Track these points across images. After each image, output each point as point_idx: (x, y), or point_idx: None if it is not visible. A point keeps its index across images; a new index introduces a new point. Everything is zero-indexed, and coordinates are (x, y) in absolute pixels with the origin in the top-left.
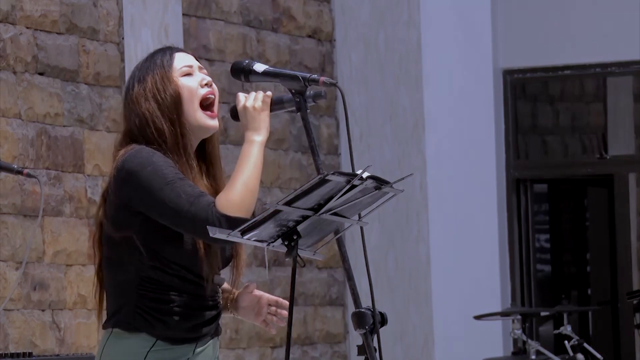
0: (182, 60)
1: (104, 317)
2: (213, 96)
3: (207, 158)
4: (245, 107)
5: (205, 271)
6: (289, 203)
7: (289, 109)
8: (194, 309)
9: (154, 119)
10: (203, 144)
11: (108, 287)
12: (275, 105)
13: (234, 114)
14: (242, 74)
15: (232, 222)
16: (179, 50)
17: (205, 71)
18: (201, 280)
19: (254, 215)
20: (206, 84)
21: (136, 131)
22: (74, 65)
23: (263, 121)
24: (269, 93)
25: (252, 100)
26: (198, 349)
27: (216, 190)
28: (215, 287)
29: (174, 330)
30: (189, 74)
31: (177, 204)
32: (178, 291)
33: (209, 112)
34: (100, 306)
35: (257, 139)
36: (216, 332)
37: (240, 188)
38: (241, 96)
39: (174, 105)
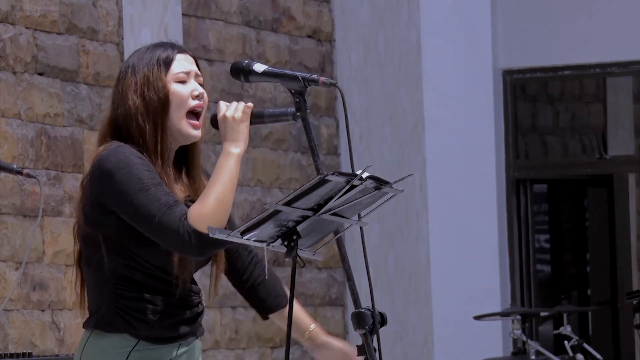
0: (180, 65)
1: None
2: (201, 109)
3: (188, 161)
4: (225, 117)
5: (177, 271)
6: (288, 203)
7: (268, 123)
8: (172, 307)
9: (137, 116)
10: (186, 146)
11: (88, 285)
12: (255, 118)
13: (215, 122)
14: (241, 74)
15: (201, 239)
16: (181, 51)
17: (201, 78)
18: (175, 279)
19: (230, 226)
20: (197, 96)
21: (121, 121)
22: (74, 65)
23: (242, 133)
24: (250, 104)
25: (232, 110)
26: (181, 350)
27: (195, 191)
28: (191, 286)
29: (154, 329)
30: (183, 81)
31: (149, 211)
32: (153, 291)
33: (193, 122)
34: (82, 296)
35: (235, 150)
36: (198, 333)
37: (213, 203)
38: (222, 105)
39: (161, 108)
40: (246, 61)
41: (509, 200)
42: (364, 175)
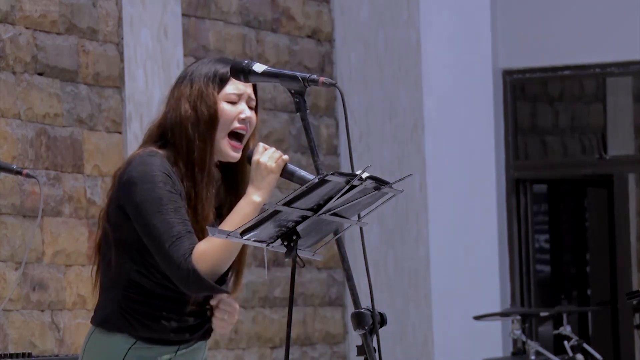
0: (234, 86)
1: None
2: (244, 132)
3: (236, 178)
4: (258, 163)
5: None
6: (288, 203)
7: (295, 183)
8: (178, 314)
9: (187, 126)
10: (235, 164)
11: (101, 278)
12: (285, 173)
13: (249, 160)
14: (241, 74)
15: (199, 280)
16: None
17: (253, 102)
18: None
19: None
20: (243, 119)
21: (169, 126)
22: (74, 65)
23: (269, 183)
24: (285, 157)
25: (267, 157)
26: (181, 351)
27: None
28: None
29: (154, 332)
30: (233, 102)
31: (159, 236)
32: (161, 298)
33: (234, 142)
34: (96, 282)
35: (256, 199)
36: (203, 337)
37: (221, 246)
38: (260, 147)
39: (210, 124)
40: (246, 61)
41: (509, 200)
42: (364, 175)
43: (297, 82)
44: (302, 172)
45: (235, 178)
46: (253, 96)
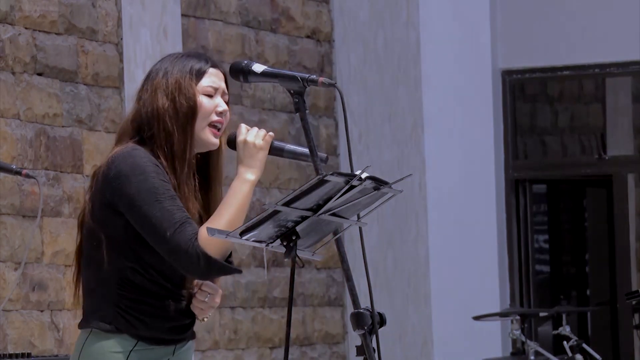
0: (210, 79)
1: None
2: (221, 125)
3: (209, 171)
4: (245, 142)
5: (187, 279)
6: (287, 203)
7: (287, 158)
8: (175, 312)
9: (165, 118)
10: (207, 156)
11: (86, 283)
12: (274, 150)
13: (232, 143)
14: (240, 74)
15: (210, 262)
16: (214, 65)
17: (227, 97)
18: (177, 288)
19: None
20: (220, 112)
21: (145, 120)
22: (73, 65)
23: (260, 160)
24: (271, 134)
25: (253, 136)
26: (178, 350)
27: (208, 204)
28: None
29: (154, 331)
30: (209, 95)
31: (161, 225)
32: (155, 296)
33: (214, 130)
34: (76, 289)
35: (250, 177)
36: (193, 336)
37: (224, 227)
38: (243, 128)
39: (190, 114)
40: (245, 61)
41: (508, 200)
42: (363, 175)
43: (297, 82)
44: (291, 146)
45: (207, 174)
46: (226, 90)
